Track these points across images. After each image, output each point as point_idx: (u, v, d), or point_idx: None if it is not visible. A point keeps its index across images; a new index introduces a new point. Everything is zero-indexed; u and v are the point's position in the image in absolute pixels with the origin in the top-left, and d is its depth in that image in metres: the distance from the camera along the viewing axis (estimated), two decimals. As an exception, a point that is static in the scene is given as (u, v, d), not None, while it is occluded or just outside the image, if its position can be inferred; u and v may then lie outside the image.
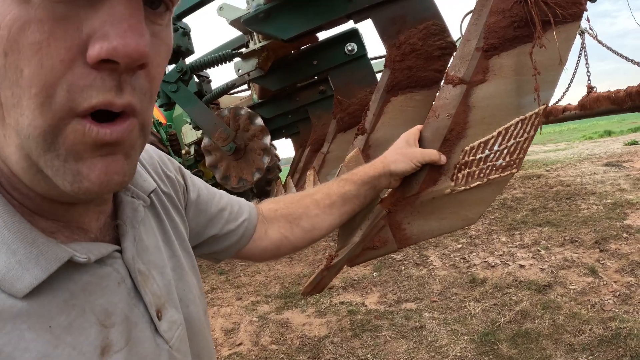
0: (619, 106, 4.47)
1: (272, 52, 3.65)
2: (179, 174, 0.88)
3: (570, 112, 6.12)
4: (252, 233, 1.03)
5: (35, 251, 0.50)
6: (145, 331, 0.62)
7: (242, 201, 1.06)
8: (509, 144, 1.12)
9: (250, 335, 4.16)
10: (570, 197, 7.09)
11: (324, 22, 2.28)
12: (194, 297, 0.77)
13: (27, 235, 0.50)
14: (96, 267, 0.57)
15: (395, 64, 1.88)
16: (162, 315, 0.65)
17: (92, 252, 0.55)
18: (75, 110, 0.43)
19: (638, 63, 4.73)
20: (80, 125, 0.44)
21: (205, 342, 0.78)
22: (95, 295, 0.56)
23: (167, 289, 0.69)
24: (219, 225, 0.95)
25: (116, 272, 0.60)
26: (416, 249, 5.79)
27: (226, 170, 4.71)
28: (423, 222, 1.24)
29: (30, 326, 0.48)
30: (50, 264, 0.50)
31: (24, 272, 0.48)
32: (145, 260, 0.67)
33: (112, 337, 0.56)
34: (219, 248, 0.98)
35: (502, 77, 1.10)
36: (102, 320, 0.56)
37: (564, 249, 4.91)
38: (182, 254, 0.79)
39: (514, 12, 1.06)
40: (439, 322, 3.81)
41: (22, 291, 0.48)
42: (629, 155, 10.38)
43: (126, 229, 0.64)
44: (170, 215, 0.80)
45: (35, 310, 0.49)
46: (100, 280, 0.57)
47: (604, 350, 3.01)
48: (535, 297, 3.91)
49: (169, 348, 0.64)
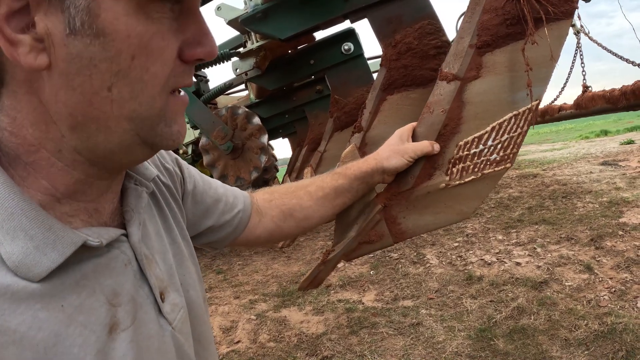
0: (614, 105, 4.50)
1: (269, 51, 3.67)
2: (176, 166, 0.92)
3: (566, 112, 6.15)
4: (246, 223, 1.07)
5: (52, 236, 0.53)
6: (150, 312, 0.65)
7: (236, 191, 1.10)
8: (502, 139, 1.14)
9: (248, 333, 4.18)
10: (567, 195, 7.13)
11: (321, 22, 2.30)
12: (193, 283, 0.80)
13: (44, 221, 0.53)
14: (105, 250, 0.61)
15: (391, 63, 1.90)
16: (165, 297, 0.69)
17: (103, 237, 0.59)
18: (173, 88, 0.59)
19: (634, 62, 4.75)
20: (174, 97, 0.60)
21: (205, 327, 0.81)
22: (105, 276, 0.59)
23: (169, 273, 0.73)
24: (214, 217, 0.99)
25: (124, 254, 0.63)
26: (413, 247, 5.82)
27: (224, 170, 4.72)
28: (418, 216, 1.26)
29: (44, 306, 0.51)
30: (66, 248, 0.53)
31: (41, 257, 0.51)
32: (149, 246, 0.70)
33: (119, 315, 0.59)
34: (215, 238, 1.02)
35: (495, 73, 1.12)
36: (111, 299, 0.59)
37: (560, 246, 4.95)
38: (182, 242, 0.82)
39: (506, 9, 1.08)
40: (435, 319, 3.84)
41: (40, 275, 0.51)
42: (625, 154, 10.45)
43: (132, 215, 0.68)
44: (169, 204, 0.84)
45: (49, 291, 0.52)
46: (109, 262, 0.61)
47: (599, 345, 3.05)
48: (532, 294, 3.94)
49: (171, 329, 0.67)
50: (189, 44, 0.58)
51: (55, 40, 0.49)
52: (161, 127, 0.59)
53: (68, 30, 0.49)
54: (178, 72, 0.58)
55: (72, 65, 0.50)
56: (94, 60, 0.50)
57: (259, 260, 6.87)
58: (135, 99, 0.54)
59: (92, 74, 0.51)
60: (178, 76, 0.58)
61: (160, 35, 0.54)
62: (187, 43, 0.58)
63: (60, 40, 0.49)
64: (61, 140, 0.56)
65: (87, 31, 0.49)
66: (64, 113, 0.54)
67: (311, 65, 3.56)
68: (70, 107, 0.53)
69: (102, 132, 0.56)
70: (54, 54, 0.50)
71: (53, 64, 0.50)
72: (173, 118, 0.60)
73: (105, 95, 0.53)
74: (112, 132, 0.56)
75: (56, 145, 0.56)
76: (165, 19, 0.54)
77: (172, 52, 0.56)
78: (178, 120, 0.62)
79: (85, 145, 0.57)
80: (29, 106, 0.54)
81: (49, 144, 0.55)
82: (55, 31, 0.49)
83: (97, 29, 0.49)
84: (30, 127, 0.55)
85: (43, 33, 0.49)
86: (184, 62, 0.58)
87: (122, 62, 0.52)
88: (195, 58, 0.59)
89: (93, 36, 0.49)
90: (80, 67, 0.51)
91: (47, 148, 0.56)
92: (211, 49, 0.59)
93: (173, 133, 0.61)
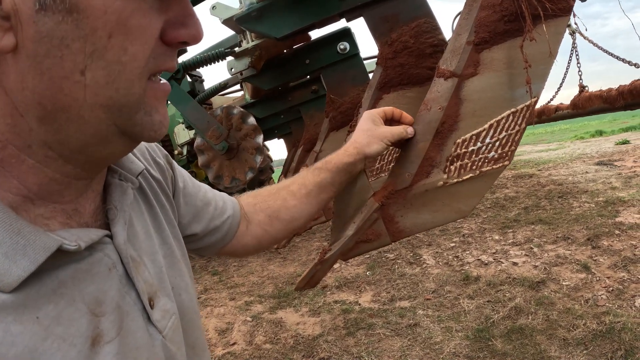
0: (611, 105, 4.50)
1: (264, 51, 3.65)
2: (166, 162, 0.87)
3: (562, 112, 6.16)
4: (236, 229, 1.03)
5: (22, 241, 0.48)
6: (138, 320, 0.60)
7: (225, 196, 1.06)
8: (500, 136, 1.13)
9: (244, 334, 4.15)
10: (562, 195, 7.15)
11: (317, 21, 2.29)
12: (185, 285, 0.75)
13: (12, 224, 0.48)
14: (86, 254, 0.56)
15: (388, 62, 1.89)
16: (154, 303, 0.64)
17: (81, 239, 0.54)
18: (152, 71, 0.54)
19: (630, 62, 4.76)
20: (154, 83, 0.56)
21: (198, 332, 0.77)
22: (86, 282, 0.55)
23: (159, 277, 0.68)
24: (204, 221, 0.94)
25: (107, 258, 0.59)
26: (409, 248, 5.81)
27: (219, 170, 4.71)
28: (416, 214, 1.25)
29: (16, 319, 0.46)
30: (38, 254, 0.48)
31: (11, 265, 0.47)
32: (137, 247, 0.65)
33: (103, 326, 0.54)
34: (203, 244, 0.97)
35: (493, 70, 1.11)
36: (93, 308, 0.54)
37: (557, 246, 4.95)
38: (174, 241, 0.77)
39: (504, 6, 1.07)
40: (433, 320, 3.83)
41: (11, 285, 0.46)
42: (620, 154, 10.48)
43: (116, 213, 0.63)
44: (160, 200, 0.79)
45: (22, 301, 0.47)
46: (91, 267, 0.56)
47: (598, 345, 3.04)
48: (529, 294, 3.94)
49: (162, 338, 0.63)
50: (172, 24, 0.54)
51: (23, 17, 0.45)
52: (140, 115, 0.55)
53: (38, 6, 0.44)
54: (158, 53, 0.54)
55: (41, 45, 0.46)
56: (65, 40, 0.46)
57: (254, 262, 6.85)
58: (111, 84, 0.50)
59: (63, 55, 0.46)
60: (158, 58, 0.54)
61: (141, 12, 0.49)
62: (170, 24, 0.54)
63: (29, 17, 0.45)
64: (29, 134, 0.50)
65: (58, 6, 0.45)
66: (31, 102, 0.48)
67: (307, 65, 3.55)
68: (38, 94, 0.48)
69: (74, 122, 0.51)
70: (21, 33, 0.45)
71: (20, 44, 0.46)
72: (154, 106, 0.56)
73: (78, 80, 0.48)
74: (86, 122, 0.51)
75: (24, 140, 0.50)
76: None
77: (153, 32, 0.52)
78: (159, 110, 0.58)
79: (56, 138, 0.51)
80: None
81: (16, 138, 0.50)
82: (24, 7, 0.44)
83: (70, 4, 0.45)
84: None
85: (9, 9, 0.44)
86: (166, 45, 0.55)
87: (97, 41, 0.47)
88: (179, 40, 0.55)
89: (65, 12, 0.45)
90: (50, 47, 0.46)
91: (15, 143, 0.50)
92: (196, 31, 0.56)
93: (154, 123, 0.57)
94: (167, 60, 0.56)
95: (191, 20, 0.56)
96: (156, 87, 0.56)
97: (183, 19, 0.55)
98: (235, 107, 4.59)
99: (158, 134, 0.58)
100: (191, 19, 0.56)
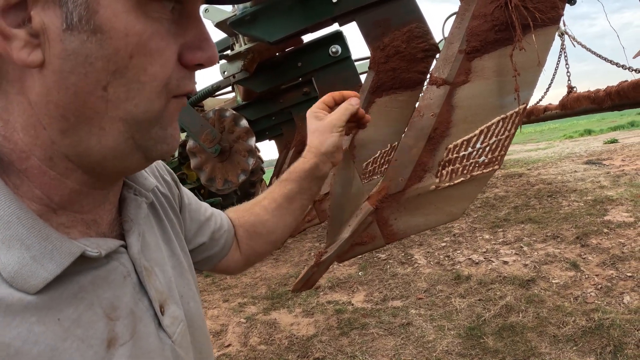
0: (599, 105, 4.58)
1: (257, 54, 3.68)
2: (172, 180, 0.91)
3: (551, 112, 6.25)
4: (231, 244, 1.06)
5: (50, 246, 0.50)
6: (149, 325, 0.63)
7: (221, 213, 1.09)
8: (490, 141, 1.16)
9: (238, 336, 4.17)
10: (552, 194, 7.23)
11: (310, 25, 2.31)
12: (193, 295, 0.79)
13: (41, 230, 0.51)
14: (104, 262, 0.59)
15: (380, 66, 1.92)
16: (164, 310, 0.67)
17: (102, 247, 0.57)
18: (174, 93, 0.57)
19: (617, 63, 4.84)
20: (177, 100, 0.59)
21: (204, 339, 0.80)
22: (103, 288, 0.57)
23: (169, 286, 0.71)
24: (207, 234, 0.97)
25: (123, 266, 0.61)
26: (401, 248, 5.85)
27: (211, 172, 4.72)
28: (409, 217, 1.28)
29: (39, 319, 0.49)
30: (64, 258, 0.51)
31: (38, 268, 0.49)
32: (148, 257, 0.68)
33: (117, 330, 0.57)
34: (204, 257, 1.00)
35: (484, 78, 1.15)
36: (109, 313, 0.57)
37: (546, 244, 5.02)
38: (181, 254, 0.81)
39: (495, 16, 1.11)
40: (425, 319, 3.87)
41: (36, 286, 0.49)
42: (608, 153, 10.61)
43: (131, 225, 0.66)
44: (168, 215, 0.82)
45: (45, 303, 0.50)
46: (108, 274, 0.59)
47: (587, 341, 3.10)
48: (519, 292, 3.99)
49: (171, 343, 0.66)
50: (188, 48, 0.57)
51: (51, 35, 0.47)
52: (156, 130, 0.57)
53: (65, 26, 0.47)
54: (179, 76, 0.57)
55: (67, 62, 0.49)
56: (89, 58, 0.49)
57: (247, 263, 6.83)
58: (131, 100, 0.53)
59: (87, 72, 0.49)
60: (179, 80, 0.57)
61: (159, 35, 0.53)
62: (187, 47, 0.57)
63: (56, 35, 0.47)
64: (51, 146, 0.53)
65: (84, 27, 0.48)
66: (55, 115, 0.51)
67: (299, 68, 3.58)
68: (62, 107, 0.51)
69: (95, 134, 0.53)
70: (48, 50, 0.48)
71: (47, 61, 0.48)
72: (168, 122, 0.59)
73: (100, 95, 0.51)
74: (106, 133, 0.53)
75: (46, 152, 0.53)
76: (164, 20, 0.53)
77: (171, 54, 0.55)
78: (172, 124, 0.60)
79: (76, 150, 0.54)
80: (19, 108, 0.51)
81: (38, 150, 0.53)
82: (52, 26, 0.47)
83: (95, 25, 0.48)
84: (21, 131, 0.52)
85: (39, 28, 0.47)
86: (184, 67, 0.57)
87: (119, 60, 0.50)
88: (196, 62, 0.58)
89: (90, 32, 0.48)
90: (76, 64, 0.49)
91: (38, 155, 0.53)
92: (212, 54, 0.59)
93: (167, 136, 0.59)
94: (187, 82, 0.59)
95: (207, 44, 0.58)
96: (177, 106, 0.60)
97: (199, 43, 0.58)
98: (228, 109, 4.60)
99: (171, 147, 0.61)
100: (207, 43, 0.58)
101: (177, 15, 0.55)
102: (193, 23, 0.58)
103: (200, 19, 0.59)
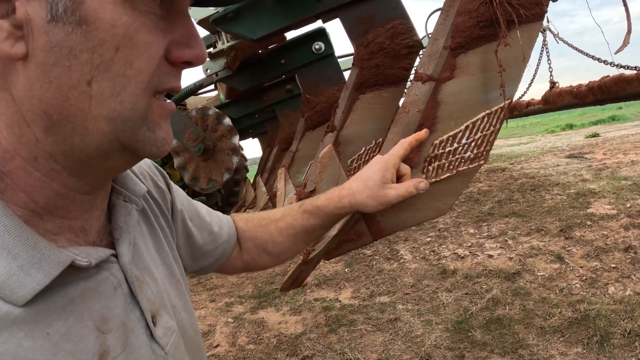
0: (581, 100, 4.64)
1: (240, 51, 3.65)
2: (165, 184, 0.88)
3: (534, 107, 6.32)
4: (229, 254, 1.04)
5: (38, 255, 0.49)
6: (142, 337, 0.62)
7: (223, 221, 1.05)
8: (476, 137, 1.17)
9: (226, 336, 4.15)
10: (535, 188, 7.31)
11: (293, 22, 2.30)
12: (185, 304, 0.77)
13: (28, 238, 0.49)
14: (93, 272, 0.57)
15: (364, 63, 1.92)
16: (157, 321, 0.65)
17: (91, 256, 0.55)
18: (157, 89, 0.56)
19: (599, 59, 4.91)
20: (159, 101, 0.57)
21: (198, 349, 0.78)
22: (93, 300, 0.56)
23: (160, 296, 0.69)
24: (197, 245, 0.95)
25: (113, 277, 0.60)
26: (386, 244, 5.87)
27: (195, 172, 4.69)
28: (396, 214, 1.28)
29: (28, 334, 0.47)
30: (52, 268, 0.49)
31: (26, 278, 0.47)
32: (140, 266, 0.67)
33: (109, 343, 0.56)
34: (196, 268, 0.99)
35: (469, 74, 1.15)
36: (100, 326, 0.55)
37: (531, 238, 5.08)
38: (173, 262, 0.79)
39: (480, 12, 1.11)
40: (413, 314, 3.90)
41: (24, 298, 0.47)
42: (590, 147, 10.76)
43: (121, 233, 0.64)
44: (160, 222, 0.80)
45: (33, 317, 0.48)
46: (98, 285, 0.57)
47: (574, 332, 3.15)
48: (505, 285, 4.04)
49: (164, 354, 0.64)
50: (176, 44, 0.56)
51: (35, 27, 0.46)
52: (143, 131, 0.55)
53: (49, 17, 0.46)
54: (164, 72, 0.55)
55: (50, 55, 0.47)
56: (74, 50, 0.48)
57: (234, 262, 6.80)
58: (116, 96, 0.51)
59: (71, 65, 0.48)
60: (164, 76, 0.55)
61: (147, 29, 0.51)
62: (175, 44, 0.55)
63: (41, 27, 0.46)
64: (36, 145, 0.51)
65: (69, 18, 0.46)
66: (38, 111, 0.49)
67: (282, 65, 3.56)
68: (45, 103, 0.49)
69: (78, 133, 0.52)
70: (32, 42, 0.47)
71: (30, 53, 0.47)
72: (157, 123, 0.57)
73: (84, 90, 0.49)
74: (89, 133, 0.52)
75: (31, 151, 0.51)
76: (152, 15, 0.52)
77: (158, 49, 0.53)
78: (163, 127, 0.58)
79: (60, 149, 0.52)
80: (3, 105, 0.50)
81: (23, 149, 0.51)
82: (36, 17, 0.46)
83: (81, 16, 0.47)
84: (5, 129, 0.51)
85: (23, 19, 0.46)
86: (171, 64, 0.56)
87: (104, 53, 0.49)
88: (184, 60, 0.57)
89: (75, 24, 0.47)
90: (60, 57, 0.47)
91: (22, 155, 0.51)
92: (200, 52, 0.58)
93: (157, 139, 0.57)
94: (172, 79, 0.57)
95: (195, 42, 0.57)
96: (161, 105, 0.57)
97: (187, 40, 0.57)
98: (211, 108, 4.57)
99: (161, 151, 0.59)
100: (195, 41, 0.57)
101: (165, 11, 0.54)
102: (182, 20, 0.57)
103: (189, 17, 0.58)
